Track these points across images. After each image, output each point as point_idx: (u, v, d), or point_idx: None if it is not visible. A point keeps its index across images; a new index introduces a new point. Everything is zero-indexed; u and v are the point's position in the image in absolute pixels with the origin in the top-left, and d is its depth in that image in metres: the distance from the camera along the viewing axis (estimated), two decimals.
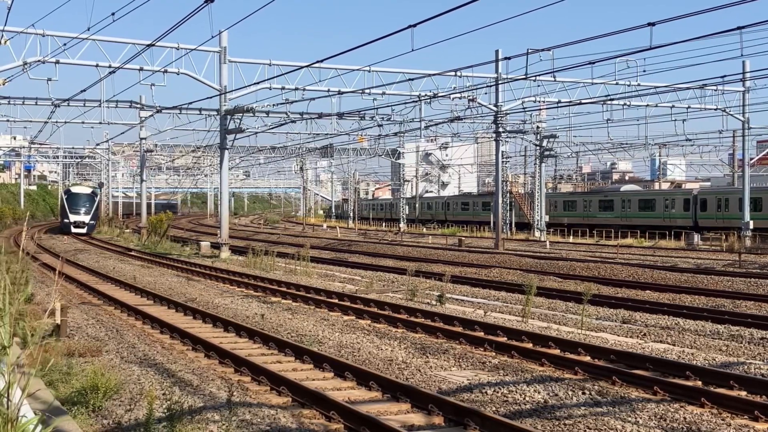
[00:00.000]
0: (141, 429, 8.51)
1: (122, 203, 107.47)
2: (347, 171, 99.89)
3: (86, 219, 64.52)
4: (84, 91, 39.43)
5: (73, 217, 64.43)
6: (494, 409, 9.94)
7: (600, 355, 13.06)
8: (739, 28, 19.83)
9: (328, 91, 40.03)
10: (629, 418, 9.46)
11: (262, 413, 9.51)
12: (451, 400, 9.91)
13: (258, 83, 35.96)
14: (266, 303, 20.78)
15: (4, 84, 32.38)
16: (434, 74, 41.48)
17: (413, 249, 44.40)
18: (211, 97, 37.35)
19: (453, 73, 40.27)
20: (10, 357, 5.03)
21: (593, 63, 24.25)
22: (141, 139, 58.09)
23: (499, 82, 40.87)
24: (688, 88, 44.84)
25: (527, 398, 10.46)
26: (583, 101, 43.28)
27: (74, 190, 69.43)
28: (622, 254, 38.87)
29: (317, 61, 28.63)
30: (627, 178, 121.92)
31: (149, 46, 31.57)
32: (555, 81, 43.51)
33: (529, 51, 32.71)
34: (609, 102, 45.77)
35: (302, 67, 36.07)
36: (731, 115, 48.39)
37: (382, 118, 49.92)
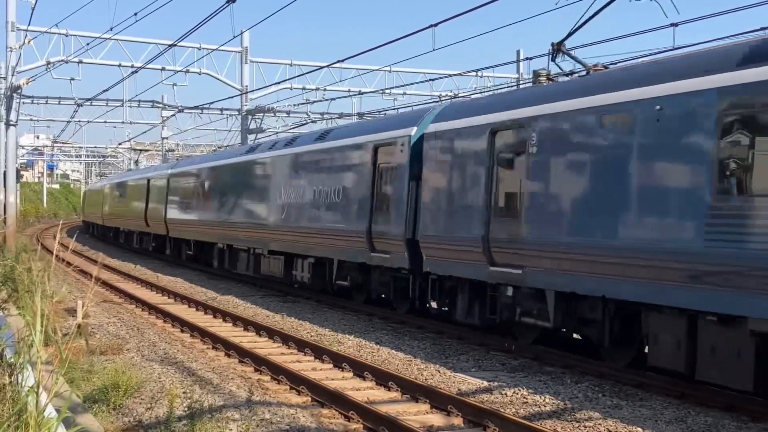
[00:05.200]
0: (162, 427, 8.56)
1: None
2: None
3: None
4: (107, 90, 39.94)
5: None
6: (514, 410, 9.92)
7: None
8: (762, 28, 19.64)
9: (349, 91, 40.05)
10: (648, 422, 9.41)
11: (282, 412, 9.55)
12: (470, 401, 9.91)
13: (279, 83, 36.02)
14: (286, 303, 20.83)
15: (27, 83, 32.64)
16: (455, 74, 41.41)
17: None
18: (232, 97, 37.56)
19: (474, 74, 40.14)
20: (37, 356, 5.09)
21: (616, 63, 24.08)
22: (162, 138, 58.38)
23: (521, 82, 40.74)
24: None
25: (547, 400, 10.42)
26: None
27: None
28: None
29: (338, 61, 28.62)
30: None
31: (171, 46, 31.69)
32: None
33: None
34: None
35: (323, 67, 36.09)
36: None
37: None
